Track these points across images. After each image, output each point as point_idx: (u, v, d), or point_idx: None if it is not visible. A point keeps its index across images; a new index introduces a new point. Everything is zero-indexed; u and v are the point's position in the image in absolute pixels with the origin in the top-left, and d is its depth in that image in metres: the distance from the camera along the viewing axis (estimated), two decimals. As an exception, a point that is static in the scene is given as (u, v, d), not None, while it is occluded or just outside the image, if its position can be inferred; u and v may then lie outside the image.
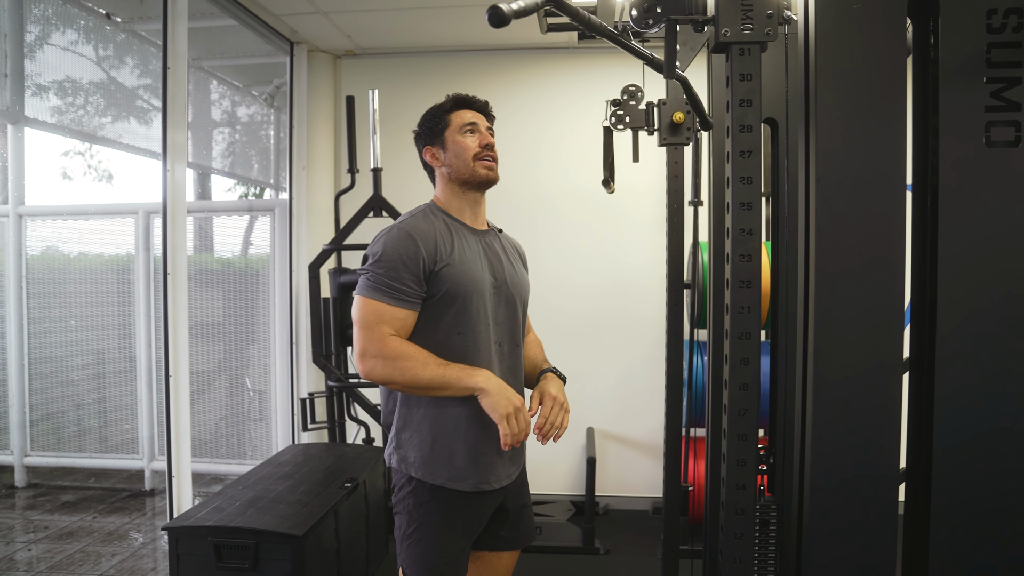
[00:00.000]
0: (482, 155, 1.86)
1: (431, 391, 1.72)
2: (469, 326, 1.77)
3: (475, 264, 1.81)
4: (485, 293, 1.81)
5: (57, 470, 4.87)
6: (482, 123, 1.90)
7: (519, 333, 1.91)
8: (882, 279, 1.37)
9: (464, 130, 1.87)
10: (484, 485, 1.79)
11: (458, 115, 1.89)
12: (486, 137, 1.88)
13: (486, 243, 1.89)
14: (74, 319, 4.73)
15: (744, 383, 1.43)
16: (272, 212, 4.46)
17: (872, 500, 1.38)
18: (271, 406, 4.49)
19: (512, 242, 2.05)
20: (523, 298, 1.94)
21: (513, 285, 1.89)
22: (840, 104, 1.37)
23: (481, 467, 1.78)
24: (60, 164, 5.32)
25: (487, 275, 1.83)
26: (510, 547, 1.95)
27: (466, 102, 1.92)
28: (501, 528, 1.92)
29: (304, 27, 3.89)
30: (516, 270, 1.94)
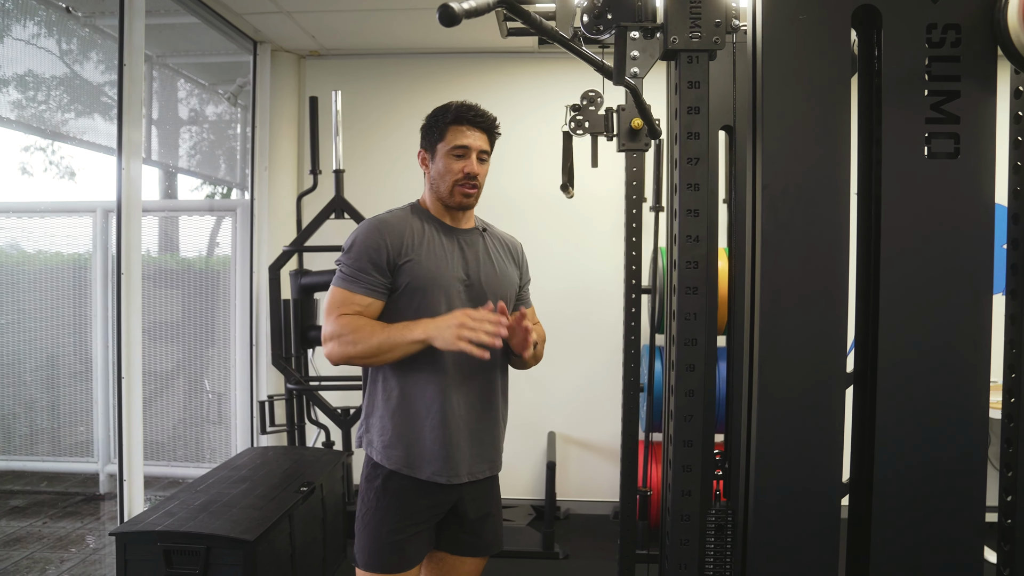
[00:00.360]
0: (462, 182, 1.86)
1: (385, 355, 1.76)
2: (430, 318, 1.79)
3: (443, 261, 1.85)
4: (451, 290, 1.83)
5: (7, 474, 4.74)
6: (476, 146, 1.88)
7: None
8: (827, 288, 1.38)
9: (453, 152, 1.86)
10: (439, 477, 1.81)
11: (454, 132, 1.87)
12: (472, 165, 1.86)
13: (465, 242, 1.92)
14: (28, 319, 4.62)
15: (690, 389, 1.44)
16: (234, 212, 4.40)
17: (814, 509, 1.39)
18: (230, 408, 4.43)
19: (504, 239, 2.05)
20: (502, 295, 1.93)
21: (488, 283, 1.90)
22: (785, 111, 1.38)
23: (439, 458, 1.81)
24: (19, 160, 5.20)
25: (457, 272, 1.86)
26: (471, 553, 1.95)
27: (466, 118, 1.89)
28: (462, 531, 1.92)
29: (267, 26, 3.85)
30: (497, 268, 1.95)
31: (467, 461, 1.85)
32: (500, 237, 2.05)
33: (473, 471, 1.87)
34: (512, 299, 2.00)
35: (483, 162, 1.92)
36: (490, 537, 1.98)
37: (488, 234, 2.01)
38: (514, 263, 2.04)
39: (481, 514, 1.93)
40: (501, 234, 2.08)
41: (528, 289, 2.14)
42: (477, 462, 1.88)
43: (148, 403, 4.10)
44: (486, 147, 1.92)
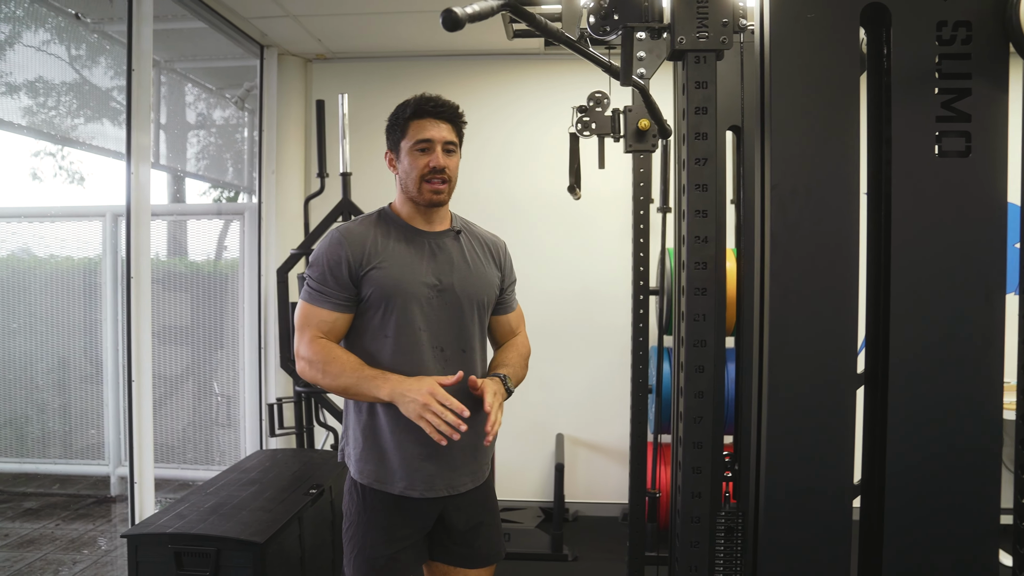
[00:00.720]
0: (429, 176, 1.78)
1: (351, 395, 1.75)
2: (398, 329, 1.76)
3: (410, 268, 1.78)
4: (420, 296, 1.77)
5: (20, 476, 4.77)
6: (440, 138, 1.78)
7: (469, 337, 1.85)
8: (836, 288, 1.37)
9: (417, 148, 1.78)
10: (412, 491, 1.77)
11: (416, 126, 1.79)
12: (437, 159, 1.77)
13: (436, 245, 1.84)
14: (39, 323, 4.65)
15: (699, 391, 1.43)
16: (242, 216, 4.41)
17: (825, 511, 1.38)
18: (239, 411, 4.44)
19: (484, 239, 1.97)
20: (478, 299, 1.86)
21: (463, 287, 1.83)
22: (794, 111, 1.37)
23: (410, 472, 1.77)
24: (29, 165, 5.23)
25: (426, 278, 1.79)
26: (466, 564, 1.90)
27: (426, 110, 1.79)
28: (453, 543, 1.88)
29: (274, 30, 3.86)
30: (473, 270, 1.87)
31: (444, 474, 1.79)
32: (480, 237, 1.96)
33: (453, 484, 1.81)
34: (491, 302, 1.92)
35: (451, 154, 1.81)
36: (485, 548, 1.92)
37: (465, 235, 1.92)
38: (495, 264, 1.95)
39: (472, 524, 1.88)
40: (481, 233, 1.98)
41: (513, 291, 2.05)
42: (456, 475, 1.81)
43: (157, 406, 4.11)
44: (452, 138, 1.81)
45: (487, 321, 1.94)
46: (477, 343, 1.87)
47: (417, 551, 1.84)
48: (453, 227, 1.90)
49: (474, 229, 1.98)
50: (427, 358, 1.77)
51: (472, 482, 1.86)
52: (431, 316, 1.79)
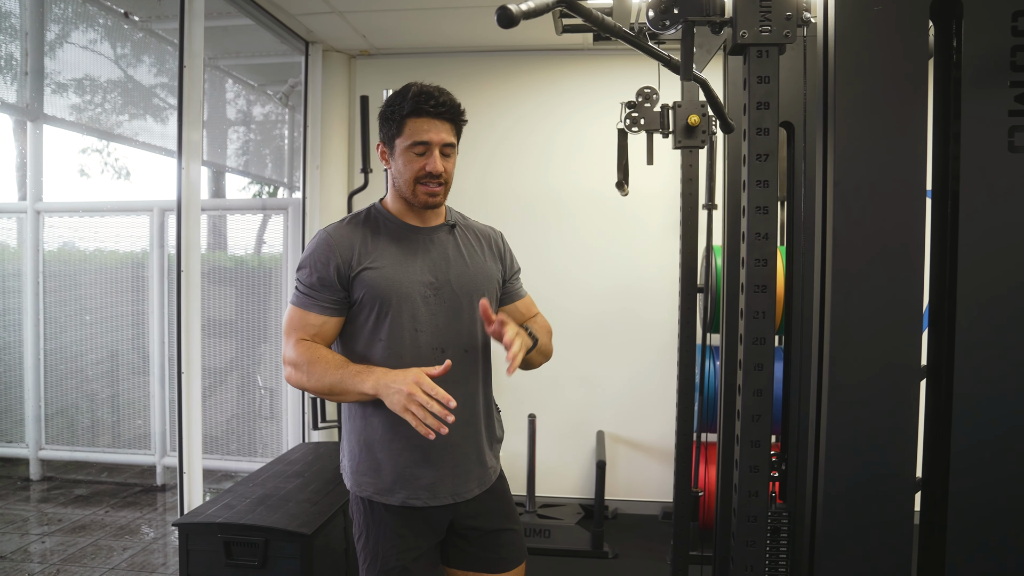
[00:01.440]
0: (425, 180, 1.69)
1: (337, 396, 1.67)
2: (393, 332, 1.68)
3: (403, 267, 1.71)
4: (415, 296, 1.69)
5: (71, 464, 4.91)
6: (438, 140, 1.68)
7: (470, 336, 1.76)
8: (900, 285, 1.35)
9: (413, 150, 1.68)
10: (415, 501, 1.70)
11: (412, 125, 1.68)
12: (435, 163, 1.67)
13: (430, 241, 1.76)
14: (89, 315, 4.77)
15: (758, 389, 1.42)
16: (286, 211, 4.47)
17: (887, 508, 1.36)
18: (282, 404, 4.51)
19: (480, 232, 1.88)
20: (478, 294, 1.75)
21: (461, 283, 1.75)
22: (859, 107, 1.35)
23: (409, 481, 1.70)
24: (77, 161, 5.37)
25: (422, 276, 1.71)
26: (485, 570, 1.81)
27: (425, 109, 1.67)
28: (472, 547, 1.81)
29: (319, 27, 3.90)
30: (471, 265, 1.79)
31: (447, 481, 1.72)
32: (475, 230, 1.87)
33: (458, 491, 1.74)
34: (494, 296, 1.83)
35: (448, 157, 1.72)
36: (505, 553, 1.83)
37: (460, 228, 1.83)
38: (494, 256, 1.86)
39: (493, 529, 1.81)
40: (477, 226, 1.89)
41: (518, 280, 1.95)
42: (460, 482, 1.74)
43: (204, 398, 4.20)
44: (451, 139, 1.71)
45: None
46: (480, 342, 1.79)
47: (431, 559, 1.78)
48: (448, 221, 1.82)
49: (468, 222, 1.89)
50: (426, 361, 1.67)
51: (479, 487, 1.78)
52: (429, 316, 1.71)
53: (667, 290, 4.13)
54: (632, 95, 2.67)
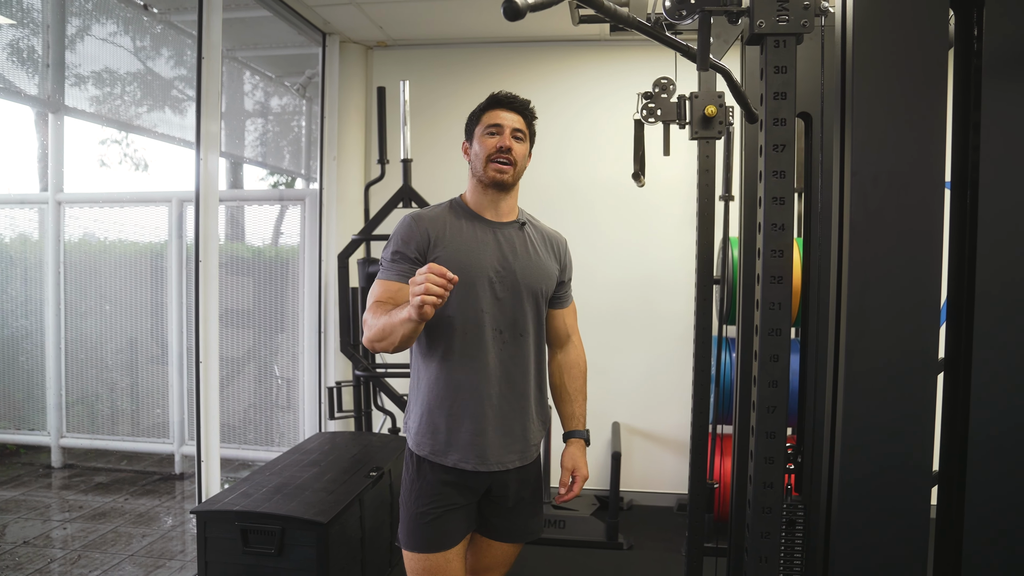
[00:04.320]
0: (495, 156, 1.89)
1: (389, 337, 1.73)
2: (461, 310, 1.85)
3: (475, 253, 1.88)
4: (483, 280, 1.87)
5: (91, 452, 4.98)
6: (510, 124, 1.91)
7: (525, 323, 1.93)
8: (917, 277, 1.34)
9: (487, 131, 1.92)
10: (465, 464, 1.87)
11: (489, 115, 1.93)
12: (505, 140, 1.89)
13: (503, 235, 1.94)
14: (109, 305, 4.82)
15: (773, 380, 1.41)
16: (303, 202, 4.49)
17: (903, 500, 1.35)
18: (299, 394, 4.54)
19: (545, 233, 2.06)
20: (536, 288, 1.95)
21: (524, 275, 1.92)
22: (877, 97, 1.34)
23: (463, 447, 1.86)
24: (97, 152, 5.42)
25: (490, 264, 1.89)
26: (500, 538, 2.00)
27: (500, 102, 1.95)
28: (494, 515, 1.97)
29: (337, 18, 3.91)
30: (534, 261, 1.96)
31: (495, 450, 1.88)
32: (543, 231, 2.06)
33: (502, 460, 1.90)
34: (549, 292, 2.01)
35: (519, 140, 1.93)
36: (524, 524, 2.02)
37: (529, 227, 2.02)
38: (555, 258, 2.04)
39: (516, 500, 1.97)
40: (545, 228, 2.08)
41: (569, 288, 2.13)
42: (505, 452, 1.90)
43: (222, 387, 4.24)
44: (521, 127, 1.94)
45: (544, 310, 2.01)
46: (532, 328, 1.95)
47: (465, 518, 1.93)
48: (519, 219, 2.00)
49: (538, 224, 2.07)
50: (487, 339, 1.87)
51: (520, 460, 1.94)
52: (492, 300, 1.88)
53: (684, 281, 4.11)
54: (649, 86, 2.66)
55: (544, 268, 1.98)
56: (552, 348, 2.14)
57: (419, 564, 1.88)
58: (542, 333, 2.02)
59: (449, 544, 1.88)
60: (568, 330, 2.13)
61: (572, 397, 2.11)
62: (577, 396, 2.12)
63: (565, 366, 2.13)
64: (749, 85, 2.36)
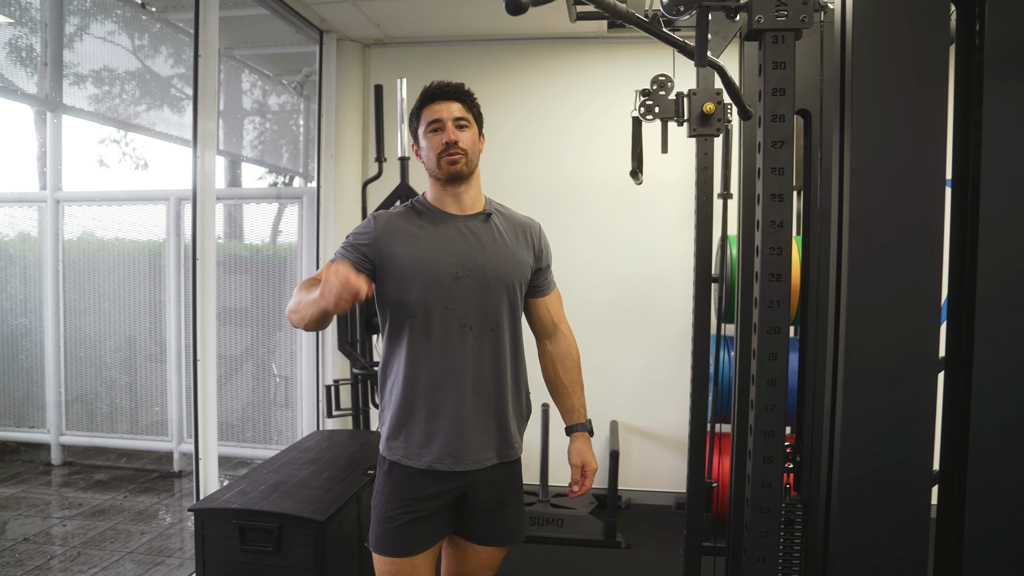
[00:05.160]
0: (445, 153, 1.84)
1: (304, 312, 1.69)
2: (422, 309, 1.82)
3: (437, 249, 1.84)
4: (444, 277, 1.82)
5: (90, 449, 4.97)
6: (449, 116, 1.85)
7: (496, 317, 1.88)
8: (918, 275, 1.33)
9: (430, 129, 1.87)
10: (440, 465, 1.82)
11: (427, 111, 1.88)
12: (449, 134, 1.84)
13: (468, 228, 1.89)
14: (107, 303, 4.81)
15: (772, 379, 1.40)
16: (300, 200, 4.48)
17: (903, 499, 1.35)
18: (297, 392, 4.53)
19: (515, 221, 1.99)
20: (507, 281, 1.89)
21: (492, 268, 1.87)
22: (877, 93, 1.33)
23: (435, 446, 1.82)
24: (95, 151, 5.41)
25: (451, 261, 1.84)
26: (481, 542, 1.95)
27: (433, 95, 1.88)
28: (474, 519, 1.92)
29: (334, 16, 3.90)
30: (503, 252, 1.90)
31: (471, 448, 1.84)
32: (513, 219, 1.99)
33: (479, 458, 1.85)
34: (524, 283, 1.95)
35: (463, 128, 1.87)
36: (507, 527, 1.96)
37: (497, 217, 1.95)
38: (527, 246, 1.97)
39: (496, 503, 1.92)
40: (515, 216, 2.01)
41: (549, 274, 2.07)
42: (482, 450, 1.86)
43: (220, 385, 4.23)
44: (462, 114, 1.88)
45: (519, 301, 1.95)
46: (507, 323, 1.90)
47: (437, 523, 1.89)
48: (485, 210, 1.94)
49: (507, 212, 2.00)
50: (455, 336, 1.83)
51: (498, 457, 1.90)
52: (457, 297, 1.83)
53: (681, 279, 4.10)
54: (647, 83, 2.65)
55: (514, 258, 1.92)
56: (540, 339, 2.09)
57: (386, 567, 1.86)
58: (518, 326, 1.96)
59: (417, 550, 1.85)
60: (554, 318, 2.06)
61: (569, 389, 2.06)
62: (574, 387, 2.06)
63: (557, 357, 2.06)
64: (748, 82, 2.35)
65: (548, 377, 2.09)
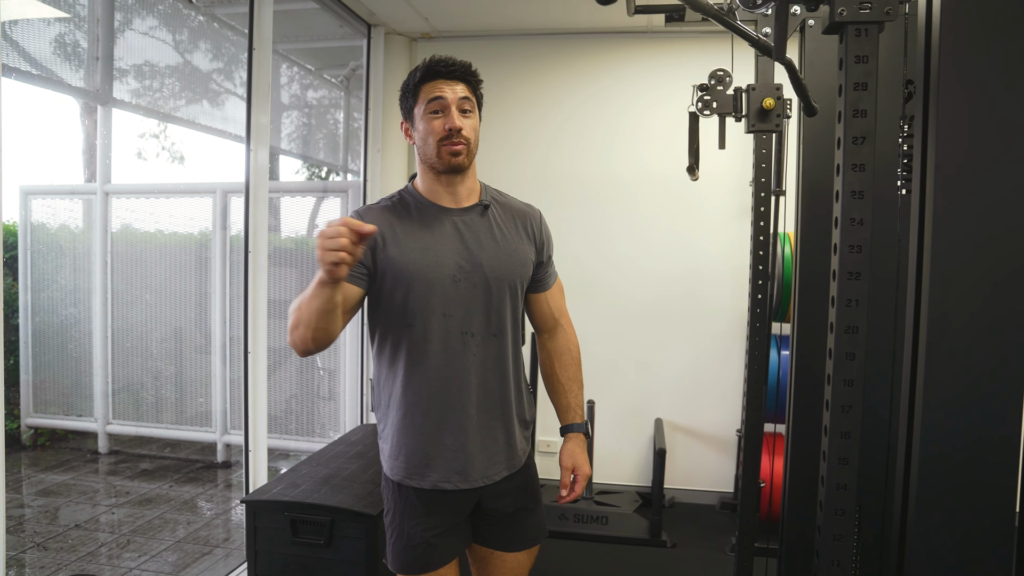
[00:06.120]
0: (447, 141, 1.65)
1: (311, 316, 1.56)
2: (420, 316, 1.66)
3: (431, 251, 1.67)
4: (442, 280, 1.66)
5: (136, 439, 5.07)
6: (453, 98, 1.65)
7: (500, 320, 1.74)
8: (1005, 275, 1.29)
9: (430, 110, 1.65)
10: (446, 484, 1.70)
11: (426, 88, 1.66)
12: (453, 119, 1.63)
13: (464, 223, 1.72)
14: (154, 294, 4.89)
15: (849, 378, 1.38)
16: (346, 194, 4.51)
17: (988, 518, 1.31)
18: (340, 386, 4.57)
19: (513, 211, 1.82)
20: (509, 280, 1.73)
21: (493, 268, 1.71)
22: (964, 87, 1.29)
23: (439, 466, 1.70)
24: (142, 144, 5.50)
25: (450, 260, 1.68)
26: (507, 548, 1.84)
27: (436, 71, 1.66)
28: (493, 527, 1.83)
29: (383, 9, 3.91)
30: (503, 249, 1.74)
31: (478, 465, 1.72)
32: (512, 208, 1.82)
33: (487, 474, 1.74)
34: (525, 281, 1.80)
35: (467, 114, 1.68)
36: (525, 531, 1.85)
37: (495, 208, 1.78)
38: (528, 238, 1.80)
39: (515, 508, 1.82)
40: (514, 204, 1.84)
41: (551, 266, 1.91)
42: (490, 465, 1.74)
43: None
44: (467, 95, 1.68)
45: (521, 302, 1.82)
46: (509, 326, 1.76)
47: (459, 535, 1.80)
48: (481, 201, 1.76)
49: (505, 200, 1.83)
50: (456, 344, 1.68)
51: (508, 469, 1.78)
52: (456, 301, 1.68)
53: (727, 276, 4.05)
54: (696, 78, 2.60)
55: (516, 255, 1.76)
56: (540, 335, 1.95)
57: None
58: (519, 329, 1.81)
59: (440, 564, 1.75)
60: (556, 313, 1.91)
61: (566, 387, 1.90)
62: (572, 385, 1.91)
63: (555, 353, 1.92)
64: (809, 76, 2.30)
65: (545, 373, 1.95)
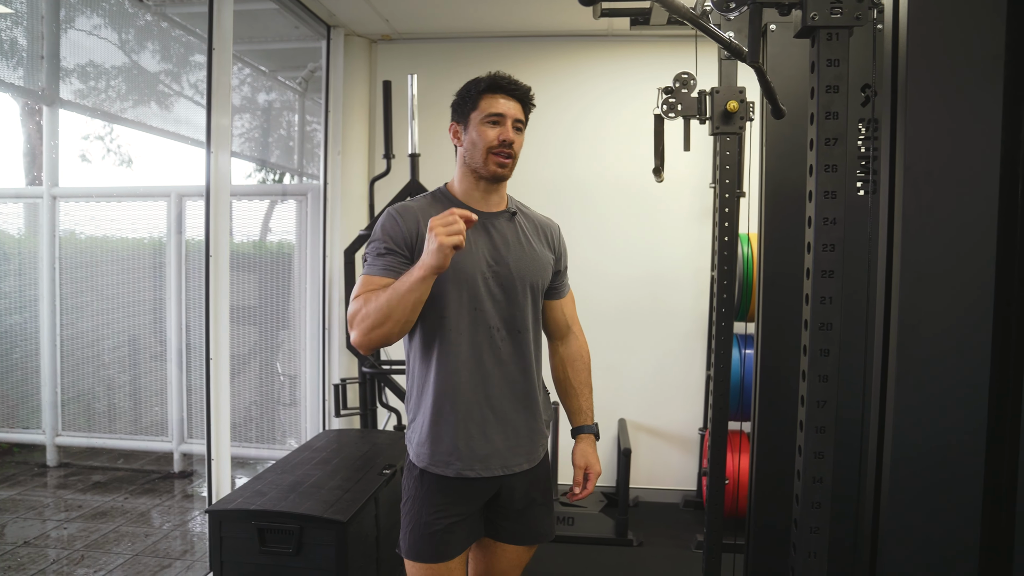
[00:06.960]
0: (497, 150, 1.78)
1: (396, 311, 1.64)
2: (454, 310, 1.76)
3: (468, 248, 1.76)
4: (475, 277, 1.77)
5: (87, 450, 4.90)
6: (511, 114, 1.79)
7: (523, 318, 1.84)
8: (972, 272, 1.34)
9: (488, 120, 1.78)
10: (469, 472, 1.79)
11: (489, 100, 1.80)
12: (507, 132, 1.77)
13: (495, 226, 1.84)
14: (105, 301, 4.75)
15: (823, 374, 1.41)
16: (304, 197, 4.45)
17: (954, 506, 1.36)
18: (301, 392, 4.50)
19: (539, 222, 1.96)
20: (532, 281, 1.85)
21: (519, 268, 1.82)
22: (931, 90, 1.33)
23: (466, 454, 1.78)
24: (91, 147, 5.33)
25: (483, 260, 1.79)
26: (512, 541, 1.92)
27: (501, 87, 1.80)
28: (503, 519, 1.90)
29: (343, 10, 3.87)
30: (528, 253, 1.86)
31: (501, 455, 1.82)
32: (535, 219, 1.96)
33: (508, 464, 1.83)
34: (545, 284, 1.92)
35: (519, 131, 1.82)
36: (536, 526, 1.93)
37: (520, 216, 1.91)
38: (549, 247, 1.94)
39: (526, 503, 1.90)
40: (536, 216, 1.98)
41: (565, 276, 2.05)
42: (512, 456, 1.84)
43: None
44: (521, 116, 1.82)
45: (540, 303, 1.93)
46: (531, 324, 1.87)
47: (472, 526, 1.87)
48: (509, 208, 1.89)
49: (528, 212, 1.97)
50: (485, 339, 1.79)
51: (528, 463, 1.87)
52: (486, 297, 1.79)
53: (690, 277, 4.11)
54: (657, 81, 2.66)
55: (539, 259, 1.88)
56: (552, 341, 2.07)
57: (421, 573, 1.83)
58: (539, 328, 1.94)
59: (452, 555, 1.82)
60: (568, 320, 2.05)
61: (578, 391, 2.03)
62: (583, 389, 2.04)
63: (568, 359, 2.05)
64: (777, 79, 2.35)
65: (557, 377, 2.07)
